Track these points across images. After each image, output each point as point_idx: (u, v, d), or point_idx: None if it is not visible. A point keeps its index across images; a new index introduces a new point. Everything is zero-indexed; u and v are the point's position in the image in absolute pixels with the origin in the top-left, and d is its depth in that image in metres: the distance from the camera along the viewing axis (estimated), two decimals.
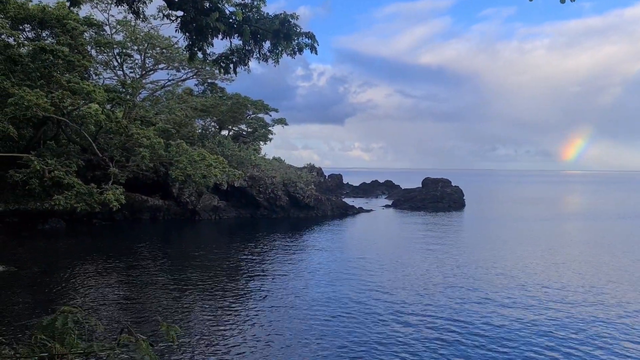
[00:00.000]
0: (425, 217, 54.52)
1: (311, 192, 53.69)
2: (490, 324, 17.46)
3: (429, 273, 25.60)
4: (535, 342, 15.66)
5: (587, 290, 22.34)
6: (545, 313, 18.79)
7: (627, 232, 44.39)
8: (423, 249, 33.12)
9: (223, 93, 56.30)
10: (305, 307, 19.30)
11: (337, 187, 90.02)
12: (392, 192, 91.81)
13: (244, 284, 22.98)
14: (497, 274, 25.61)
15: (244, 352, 14.68)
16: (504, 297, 20.96)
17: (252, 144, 57.79)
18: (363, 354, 14.59)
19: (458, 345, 15.41)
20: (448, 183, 71.84)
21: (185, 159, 39.89)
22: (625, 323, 17.70)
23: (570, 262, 29.20)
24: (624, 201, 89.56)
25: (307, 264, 27.98)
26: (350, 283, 23.14)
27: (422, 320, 17.79)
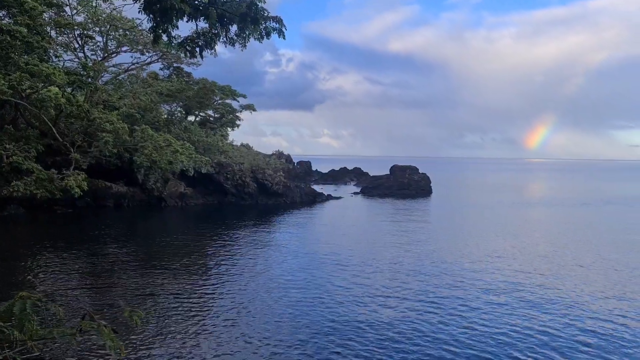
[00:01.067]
0: (393, 204, 55.12)
1: (280, 179, 53.52)
2: (460, 306, 17.83)
3: (397, 258, 25.93)
4: (502, 323, 16.10)
5: (552, 273, 23.04)
6: (512, 295, 19.30)
7: (588, 218, 45.91)
8: (391, 235, 33.51)
9: (189, 78, 55.27)
10: (273, 291, 19.30)
11: (306, 174, 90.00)
12: (360, 179, 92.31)
13: (212, 271, 22.81)
14: (463, 258, 26.15)
15: (210, 337, 14.60)
16: (470, 280, 21.42)
17: (220, 130, 57.10)
18: (332, 335, 14.71)
19: (427, 330, 15.70)
20: (416, 170, 72.64)
21: (151, 144, 39.18)
22: (588, 302, 18.37)
23: (534, 247, 30.04)
24: (586, 189, 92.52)
25: (276, 250, 27.96)
26: (319, 269, 23.24)
27: (392, 304, 18.03)
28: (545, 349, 14.13)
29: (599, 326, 16.04)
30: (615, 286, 21.05)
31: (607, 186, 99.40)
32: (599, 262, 25.78)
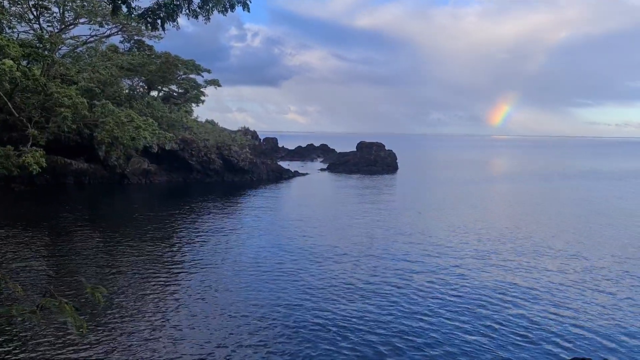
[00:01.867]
0: (360, 180, 55.49)
1: (246, 156, 53.06)
2: (426, 279, 18.22)
3: (366, 234, 26.22)
4: (467, 292, 16.55)
5: (515, 244, 23.75)
6: (475, 265, 19.84)
7: (550, 192, 47.34)
8: (359, 211, 33.80)
9: (151, 51, 53.68)
10: (241, 269, 19.28)
11: (273, 151, 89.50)
12: (327, 155, 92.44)
13: (178, 249, 22.59)
14: (430, 232, 26.65)
15: (176, 315, 14.52)
16: (438, 253, 21.89)
17: (184, 106, 55.94)
18: (302, 310, 14.84)
19: (397, 303, 15.99)
20: (382, 147, 73.10)
21: (112, 120, 38.04)
22: (549, 268, 19.05)
23: (499, 220, 30.84)
24: (547, 165, 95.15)
25: (243, 227, 27.85)
26: (288, 247, 23.30)
27: (363, 280, 18.27)
28: (514, 314, 14.63)
29: (557, 286, 16.70)
30: (575, 251, 21.89)
31: (567, 162, 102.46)
32: (560, 233, 26.69)
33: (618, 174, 70.02)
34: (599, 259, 21.66)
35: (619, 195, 45.28)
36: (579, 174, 69.10)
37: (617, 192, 47.75)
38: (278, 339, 12.91)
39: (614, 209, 36.75)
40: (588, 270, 19.86)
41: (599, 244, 24.75)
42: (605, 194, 46.11)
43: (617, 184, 55.54)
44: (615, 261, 21.37)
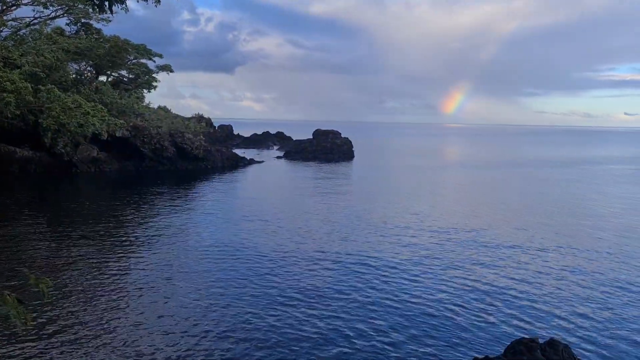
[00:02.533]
0: (317, 168, 55.54)
1: (200, 143, 52.11)
2: (386, 264, 18.44)
3: (323, 222, 26.28)
4: (426, 276, 16.86)
5: (469, 229, 24.35)
6: (432, 250, 20.23)
7: (501, 180, 48.79)
8: (316, 200, 33.84)
9: (99, 35, 51.63)
10: (195, 259, 18.97)
11: (228, 138, 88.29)
12: (283, 143, 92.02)
13: (129, 239, 21.98)
14: (387, 219, 26.98)
15: (127, 308, 14.15)
16: (395, 240, 22.18)
17: (135, 92, 54.18)
18: (260, 300, 14.74)
19: (354, 290, 16.11)
20: (338, 135, 73.34)
21: (58, 106, 36.58)
22: (502, 251, 19.64)
23: (452, 206, 31.56)
24: (498, 152, 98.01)
25: (198, 216, 27.39)
26: (244, 236, 23.08)
27: (321, 268, 18.30)
28: (470, 297, 15.00)
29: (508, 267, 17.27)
30: (528, 235, 22.66)
31: (517, 150, 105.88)
32: (513, 218, 27.57)
33: (565, 161, 72.92)
34: (549, 242, 22.50)
35: (566, 181, 47.15)
36: (529, 162, 71.56)
37: (564, 178, 49.72)
38: (241, 327, 12.77)
39: (563, 194, 38.24)
40: (540, 253, 20.60)
41: (548, 228, 25.71)
42: (553, 180, 47.92)
43: (565, 171, 57.83)
44: (564, 243, 22.25)
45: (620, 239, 23.42)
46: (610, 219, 28.26)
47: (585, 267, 18.83)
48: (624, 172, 58.37)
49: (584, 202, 34.26)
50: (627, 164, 70.78)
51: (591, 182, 46.37)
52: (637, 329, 13.32)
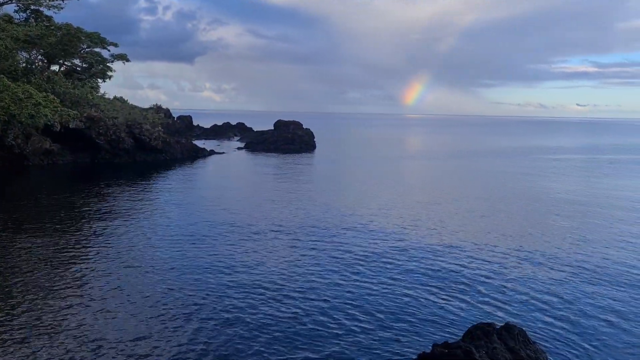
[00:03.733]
0: (278, 159, 55.26)
1: (159, 134, 51.00)
2: (342, 255, 18.48)
3: (285, 214, 26.13)
4: (394, 266, 16.99)
5: (427, 219, 24.69)
6: (393, 241, 20.40)
7: (460, 169, 49.73)
8: (278, 191, 33.66)
9: (50, 22, 49.66)
10: (155, 255, 18.54)
11: (187, 129, 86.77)
12: (244, 134, 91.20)
13: (85, 236, 21.29)
14: (349, 209, 27.07)
15: (82, 308, 13.70)
16: (354, 231, 22.27)
17: (89, 82, 52.48)
18: (223, 295, 14.52)
19: (319, 281, 16.07)
20: (299, 125, 73.13)
21: (8, 96, 35.05)
22: (463, 240, 20.01)
23: (413, 195, 31.94)
24: (456, 142, 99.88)
25: (157, 209, 26.80)
26: (205, 230, 22.71)
27: (284, 261, 18.18)
28: (431, 286, 15.20)
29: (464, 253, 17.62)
30: (483, 222, 23.17)
31: (476, 140, 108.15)
32: (471, 208, 28.13)
33: (521, 151, 74.94)
34: (506, 229, 23.06)
35: (522, 170, 48.47)
36: (488, 152, 73.21)
37: (520, 167, 51.09)
38: (206, 323, 12.55)
39: (519, 183, 39.28)
40: (497, 239, 21.09)
41: (505, 215, 26.36)
42: (510, 170, 49.18)
43: (521, 161, 59.44)
44: (520, 230, 22.85)
45: (573, 226, 24.23)
46: (565, 207, 29.20)
47: (541, 252, 19.39)
48: (577, 162, 60.47)
49: (540, 191, 35.29)
50: (579, 153, 73.33)
51: (546, 172, 47.82)
52: (590, 311, 13.80)
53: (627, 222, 25.09)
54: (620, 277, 16.69)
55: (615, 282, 16.13)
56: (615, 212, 27.61)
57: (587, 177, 43.89)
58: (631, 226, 24.23)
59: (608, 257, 18.93)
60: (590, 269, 17.47)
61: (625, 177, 44.27)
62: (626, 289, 15.61)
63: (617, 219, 25.91)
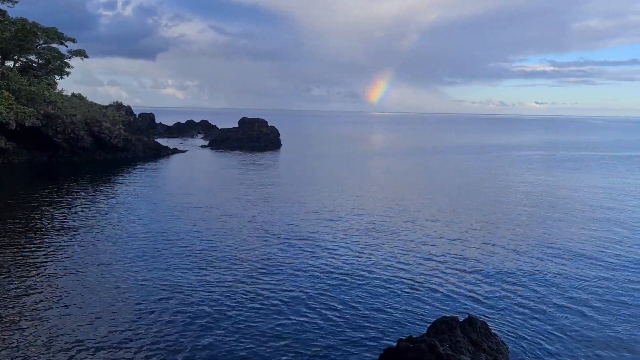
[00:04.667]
0: (243, 157, 54.80)
1: (119, 132, 49.83)
2: (308, 252, 18.45)
3: (251, 213, 25.93)
4: (358, 261, 17.05)
5: (392, 215, 24.91)
6: (359, 238, 20.50)
7: (424, 165, 50.39)
8: (243, 190, 33.37)
9: (4, 17, 47.80)
10: (116, 257, 18.10)
11: (149, 127, 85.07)
12: (208, 132, 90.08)
13: (42, 237, 20.59)
14: (316, 206, 27.06)
15: (42, 313, 13.25)
16: (320, 227, 22.27)
17: (46, 78, 50.79)
18: (185, 293, 14.29)
19: (285, 276, 15.98)
20: (264, 123, 72.69)
21: None
22: (425, 233, 20.24)
23: (377, 191, 32.17)
24: (421, 140, 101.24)
25: (117, 208, 26.16)
26: (170, 225, 22.31)
27: (248, 258, 18.02)
28: (400, 277, 15.33)
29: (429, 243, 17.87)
30: (447, 217, 23.55)
31: (440, 137, 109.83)
32: (435, 204, 28.54)
33: (483, 148, 76.52)
34: (469, 223, 23.50)
35: (485, 166, 49.51)
36: (451, 149, 74.45)
37: (483, 164, 52.17)
38: (170, 322, 12.31)
39: (482, 179, 40.10)
40: (461, 234, 21.46)
41: (468, 210, 26.86)
42: (473, 165, 50.16)
43: (484, 157, 60.69)
44: (482, 224, 23.32)
45: (534, 221, 24.88)
46: (525, 201, 29.96)
47: (502, 246, 19.84)
48: (535, 157, 62.15)
49: (501, 186, 36.10)
50: (537, 150, 75.40)
51: (507, 167, 48.98)
52: (549, 303, 14.20)
53: (586, 215, 25.93)
54: (579, 269, 17.23)
55: (574, 275, 16.65)
56: (574, 205, 28.50)
57: (546, 172, 45.16)
58: (590, 219, 25.05)
59: (566, 250, 19.53)
60: (550, 261, 17.98)
61: (582, 171, 45.74)
62: (586, 280, 16.13)
63: (576, 212, 26.75)
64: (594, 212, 27.17)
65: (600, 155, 65.75)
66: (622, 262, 18.16)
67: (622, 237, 21.60)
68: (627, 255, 19.00)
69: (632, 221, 24.89)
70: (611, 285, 15.78)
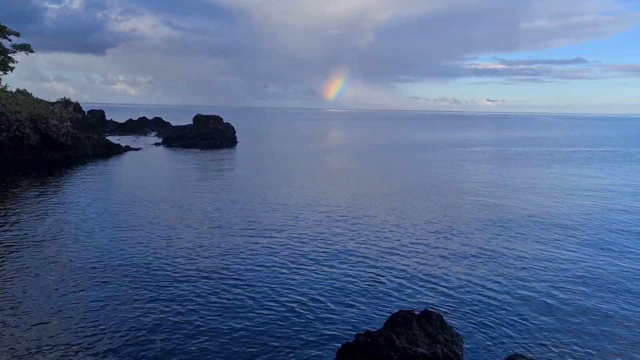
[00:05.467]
0: (198, 155, 53.89)
1: (67, 130, 48.03)
2: (264, 250, 18.29)
3: (208, 212, 25.51)
4: (311, 255, 17.00)
5: (347, 211, 25.02)
6: (317, 233, 20.48)
7: (380, 162, 50.93)
8: (198, 189, 32.80)
9: None
10: (64, 262, 17.43)
11: (100, 124, 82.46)
12: (162, 129, 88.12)
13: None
14: (271, 203, 26.87)
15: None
16: (277, 224, 22.13)
17: None
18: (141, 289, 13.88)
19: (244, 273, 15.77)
20: (220, 120, 71.72)
21: None
22: (380, 227, 20.42)
23: (333, 188, 32.26)
24: (377, 136, 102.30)
25: (66, 209, 25.21)
26: (122, 231, 21.66)
27: (208, 259, 17.69)
28: (356, 271, 15.38)
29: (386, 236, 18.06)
30: (402, 212, 23.86)
31: (395, 134, 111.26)
32: (390, 199, 28.87)
33: (437, 145, 78.06)
34: (423, 218, 23.89)
35: (439, 162, 50.49)
36: (406, 146, 75.58)
37: (437, 160, 53.21)
38: (124, 321, 11.92)
39: (436, 175, 40.87)
40: (415, 229, 21.78)
41: (422, 205, 27.30)
42: (427, 162, 51.06)
43: (438, 154, 61.91)
44: (436, 219, 23.75)
45: (486, 214, 25.54)
46: (478, 197, 30.72)
47: (456, 240, 20.26)
48: (488, 153, 63.90)
49: (454, 182, 36.91)
50: (490, 146, 77.53)
51: (460, 164, 50.11)
52: (501, 296, 14.59)
53: (538, 207, 26.80)
54: (534, 260, 17.79)
55: (526, 268, 17.17)
56: (528, 198, 29.42)
57: (499, 167, 46.48)
58: (540, 212, 25.90)
59: (518, 242, 20.13)
60: (502, 254, 18.50)
61: (532, 166, 47.35)
62: (536, 272, 16.66)
63: (527, 204, 27.62)
64: (546, 203, 28.13)
65: (550, 150, 68.25)
66: (576, 250, 18.87)
67: (577, 225, 22.45)
68: (583, 243, 19.75)
69: (585, 211, 25.92)
70: (567, 274, 16.35)
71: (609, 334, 12.23)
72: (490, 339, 11.79)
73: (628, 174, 43.30)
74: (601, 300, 14.26)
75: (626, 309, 13.71)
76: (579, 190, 33.73)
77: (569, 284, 15.49)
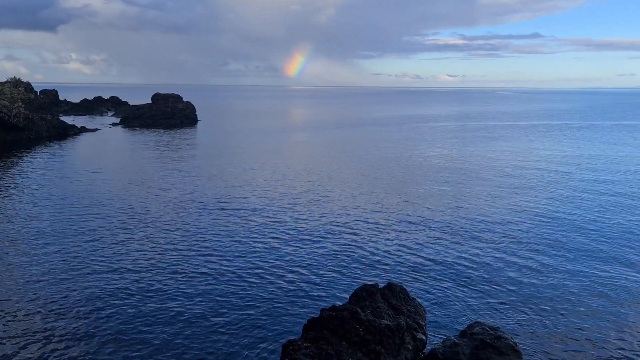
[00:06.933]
0: (158, 134, 52.68)
1: (19, 111, 46.06)
2: (223, 233, 18.12)
3: (169, 191, 25.03)
4: (279, 234, 16.94)
5: (313, 189, 25.00)
6: (280, 212, 20.38)
7: (343, 138, 50.94)
8: (159, 168, 32.13)
9: None
10: (20, 250, 16.84)
11: (53, 105, 79.55)
12: (119, 109, 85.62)
13: None
14: (232, 183, 26.57)
15: None
16: (241, 204, 21.92)
17: None
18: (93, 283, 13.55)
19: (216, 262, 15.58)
20: (179, 99, 70.19)
21: None
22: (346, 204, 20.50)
23: (296, 166, 32.14)
24: (339, 113, 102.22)
25: (20, 193, 24.30)
26: (79, 211, 21.04)
27: (174, 245, 17.39)
28: (323, 248, 15.41)
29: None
30: (366, 189, 24.02)
31: (357, 111, 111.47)
32: (354, 177, 28.99)
33: (400, 120, 78.64)
34: (388, 195, 24.11)
35: (402, 138, 50.91)
36: (369, 122, 75.89)
37: (400, 136, 53.63)
38: (87, 310, 11.62)
39: (399, 151, 41.23)
40: (379, 205, 21.97)
41: (386, 182, 27.54)
42: (391, 138, 51.42)
43: (401, 129, 62.39)
44: (400, 195, 24.01)
45: (448, 189, 25.98)
46: (440, 170, 31.19)
47: (419, 215, 20.57)
48: (450, 128, 64.84)
49: (418, 158, 37.34)
50: (452, 120, 78.67)
51: (423, 139, 50.69)
52: (463, 269, 14.93)
53: (497, 183, 27.43)
54: (492, 235, 18.23)
55: (489, 240, 17.59)
56: (485, 173, 30.05)
57: (459, 143, 47.25)
58: (500, 187, 26.52)
59: (480, 217, 20.58)
60: (464, 228, 18.89)
61: (492, 140, 48.36)
62: (495, 244, 17.09)
63: (488, 179, 28.23)
64: (505, 176, 28.81)
65: (509, 124, 69.75)
66: (533, 219, 19.42)
67: (536, 196, 23.09)
68: (540, 214, 20.34)
69: (544, 182, 26.65)
70: (525, 243, 16.83)
71: (562, 295, 12.69)
72: (452, 308, 12.07)
73: (581, 145, 44.78)
74: (556, 270, 14.77)
75: (579, 269, 14.25)
76: (536, 161, 34.67)
77: (528, 253, 15.97)
